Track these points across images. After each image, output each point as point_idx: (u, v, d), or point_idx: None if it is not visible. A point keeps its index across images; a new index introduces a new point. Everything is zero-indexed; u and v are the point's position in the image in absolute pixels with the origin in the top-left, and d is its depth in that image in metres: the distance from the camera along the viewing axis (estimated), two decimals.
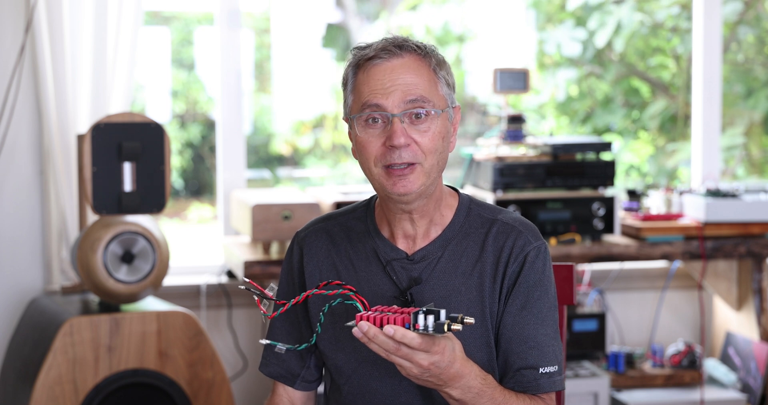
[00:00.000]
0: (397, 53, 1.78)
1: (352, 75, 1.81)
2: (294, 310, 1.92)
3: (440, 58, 1.82)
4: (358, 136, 1.79)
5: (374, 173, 1.79)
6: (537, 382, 1.79)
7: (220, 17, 3.67)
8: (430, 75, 1.79)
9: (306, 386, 1.95)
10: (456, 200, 1.89)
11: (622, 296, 3.95)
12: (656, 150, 5.62)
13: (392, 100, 1.76)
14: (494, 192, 3.44)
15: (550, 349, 1.81)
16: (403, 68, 1.77)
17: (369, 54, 1.78)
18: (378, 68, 1.78)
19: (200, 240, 6.06)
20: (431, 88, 1.78)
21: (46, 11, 3.27)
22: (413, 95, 1.76)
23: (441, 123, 1.79)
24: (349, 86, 1.82)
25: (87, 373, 2.88)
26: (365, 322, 1.59)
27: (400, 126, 1.75)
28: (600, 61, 5.60)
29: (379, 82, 1.77)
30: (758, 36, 5.55)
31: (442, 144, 1.80)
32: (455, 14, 5.61)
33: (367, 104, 1.77)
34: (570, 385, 3.44)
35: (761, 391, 3.66)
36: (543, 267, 1.83)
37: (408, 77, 1.77)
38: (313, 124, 6.49)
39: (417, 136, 1.77)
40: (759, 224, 3.53)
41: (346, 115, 1.84)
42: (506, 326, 1.81)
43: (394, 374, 1.83)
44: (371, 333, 1.59)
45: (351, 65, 1.82)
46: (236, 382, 3.60)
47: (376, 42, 1.80)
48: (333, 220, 1.93)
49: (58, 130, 3.31)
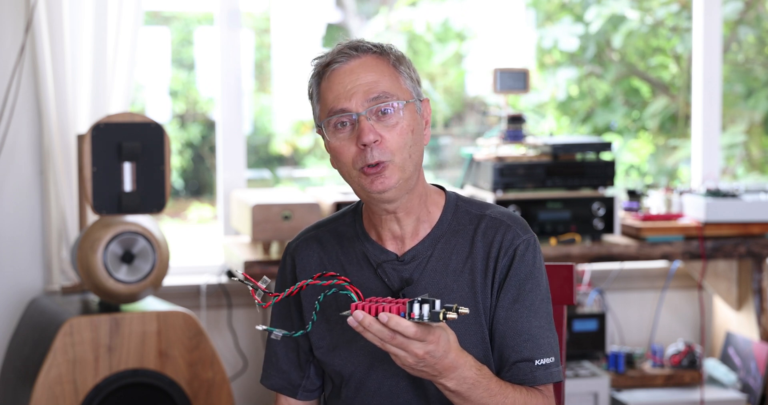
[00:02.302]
0: (353, 55, 1.79)
1: (315, 85, 1.83)
2: (289, 316, 1.93)
3: (398, 54, 1.83)
4: (331, 143, 1.80)
5: (353, 176, 1.80)
6: (533, 374, 1.79)
7: (220, 17, 3.67)
8: (390, 71, 1.80)
9: (308, 396, 1.95)
10: (443, 198, 1.89)
11: (622, 296, 3.95)
12: (656, 148, 5.62)
13: (355, 101, 1.77)
14: (494, 192, 3.44)
15: (545, 341, 1.81)
16: (362, 68, 1.78)
17: (326, 60, 1.80)
18: (338, 72, 1.79)
19: (200, 240, 6.06)
20: (393, 83, 1.79)
21: (46, 11, 3.27)
22: (375, 93, 1.77)
23: (409, 116, 1.79)
24: (314, 97, 1.84)
25: (87, 373, 2.88)
26: (360, 311, 1.59)
27: (368, 124, 1.76)
28: (600, 60, 5.60)
29: (340, 86, 1.78)
30: (758, 36, 5.55)
31: (412, 137, 1.79)
32: (455, 11, 5.61)
33: (333, 111, 1.78)
34: (570, 385, 3.44)
35: (761, 391, 3.66)
36: (533, 259, 1.83)
37: (368, 76, 1.78)
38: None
39: (385, 132, 1.77)
40: (759, 224, 3.53)
41: (317, 125, 1.85)
42: (499, 320, 1.81)
43: (393, 376, 1.83)
44: (366, 322, 1.59)
45: (313, 76, 1.83)
46: (236, 382, 3.60)
47: (331, 49, 1.82)
48: (323, 227, 1.93)
49: (58, 130, 3.31)
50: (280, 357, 1.94)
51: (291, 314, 1.93)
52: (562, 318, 2.03)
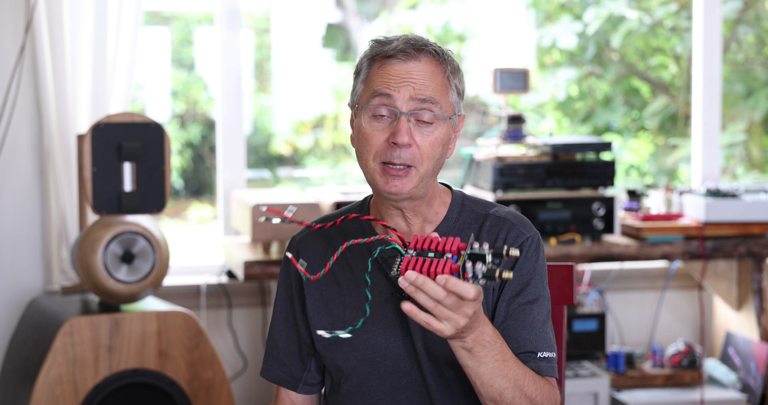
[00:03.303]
0: (415, 56, 1.80)
1: (366, 66, 1.83)
2: (292, 312, 1.93)
3: (455, 66, 1.84)
4: (362, 127, 1.81)
5: (370, 167, 1.80)
6: (537, 365, 1.79)
7: (220, 17, 3.67)
8: (443, 81, 1.81)
9: (308, 389, 1.95)
10: (449, 197, 1.91)
11: (622, 296, 3.95)
12: (656, 148, 5.62)
13: (402, 95, 1.77)
14: (494, 192, 3.44)
15: (546, 336, 1.81)
16: (419, 70, 1.79)
17: (388, 52, 1.80)
18: (394, 67, 1.79)
19: (200, 240, 6.07)
20: (442, 94, 1.80)
21: (46, 11, 3.27)
22: (423, 95, 1.78)
23: (445, 130, 1.81)
24: (362, 75, 1.84)
25: (87, 373, 2.88)
26: (412, 271, 1.52)
27: (406, 125, 1.77)
28: (600, 61, 5.60)
29: (392, 77, 1.78)
30: (758, 36, 5.56)
31: (441, 151, 1.81)
32: (456, 13, 5.62)
33: (378, 92, 1.78)
34: (570, 385, 3.44)
35: (761, 391, 3.66)
36: (537, 257, 1.84)
37: (422, 79, 1.79)
38: (313, 124, 6.49)
39: (419, 138, 1.78)
40: (759, 224, 3.53)
41: (353, 103, 1.85)
42: (502, 314, 1.82)
43: (393, 372, 1.83)
44: (420, 281, 1.53)
45: (367, 57, 1.83)
46: (236, 382, 3.60)
47: (396, 39, 1.81)
48: (329, 221, 1.93)
49: (58, 130, 3.30)
50: (282, 349, 1.94)
51: (294, 306, 1.92)
52: (562, 318, 2.03)
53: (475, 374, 1.67)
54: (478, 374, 1.67)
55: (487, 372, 1.67)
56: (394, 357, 1.83)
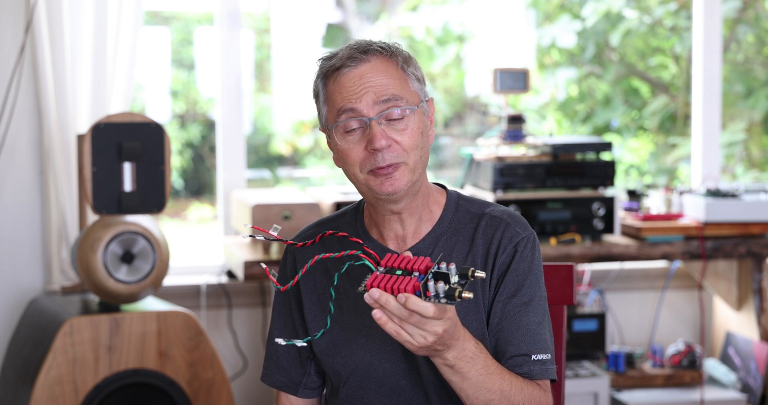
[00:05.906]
0: (363, 59, 1.79)
1: (322, 86, 1.83)
2: (290, 312, 1.93)
3: (406, 55, 1.83)
4: (339, 145, 1.80)
5: (360, 179, 1.80)
6: (529, 369, 1.78)
7: (220, 17, 3.67)
8: (399, 73, 1.80)
9: (309, 393, 1.95)
10: (444, 197, 1.90)
11: (622, 296, 3.95)
12: (656, 147, 5.62)
13: (365, 102, 1.77)
14: (494, 192, 3.44)
15: (541, 338, 1.81)
16: (372, 72, 1.79)
17: (336, 64, 1.80)
18: (347, 76, 1.79)
19: (200, 240, 6.07)
20: (402, 86, 1.80)
21: (46, 11, 3.27)
22: (385, 95, 1.77)
23: (417, 119, 1.80)
24: (321, 97, 1.84)
25: (87, 373, 2.88)
26: (376, 289, 1.56)
27: (379, 129, 1.77)
28: (599, 61, 5.60)
29: (350, 88, 1.78)
30: (758, 35, 5.56)
31: (421, 139, 1.80)
32: (455, 14, 5.62)
33: (342, 110, 1.78)
34: (570, 385, 3.44)
35: (761, 391, 3.66)
36: (532, 257, 1.84)
37: (378, 79, 1.78)
38: (313, 124, 6.49)
39: (396, 135, 1.78)
40: (759, 224, 3.53)
41: (323, 126, 1.85)
42: (497, 314, 1.81)
43: (393, 375, 1.83)
44: (383, 300, 1.55)
45: (319, 76, 1.83)
46: (236, 382, 3.60)
47: (340, 51, 1.81)
48: (324, 225, 1.94)
49: (58, 130, 3.31)
50: (281, 354, 1.94)
51: (291, 311, 1.93)
52: (562, 318, 2.03)
53: (460, 388, 1.69)
54: (462, 388, 1.69)
55: (471, 386, 1.68)
56: (392, 361, 1.83)
